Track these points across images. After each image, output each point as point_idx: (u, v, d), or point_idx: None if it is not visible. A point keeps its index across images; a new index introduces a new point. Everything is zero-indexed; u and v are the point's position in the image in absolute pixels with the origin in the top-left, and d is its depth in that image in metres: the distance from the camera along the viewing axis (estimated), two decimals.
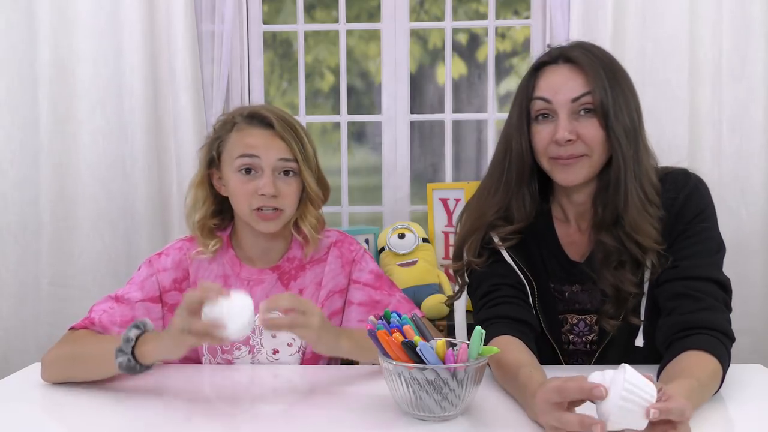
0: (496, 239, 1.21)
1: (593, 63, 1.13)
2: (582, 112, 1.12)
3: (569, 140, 1.11)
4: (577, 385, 0.80)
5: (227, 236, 1.35)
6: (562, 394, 0.82)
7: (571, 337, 1.21)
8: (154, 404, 1.08)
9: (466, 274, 1.25)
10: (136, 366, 1.06)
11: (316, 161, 1.31)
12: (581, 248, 1.22)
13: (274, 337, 1.30)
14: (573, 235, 1.23)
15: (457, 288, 1.29)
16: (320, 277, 1.34)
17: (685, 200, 1.14)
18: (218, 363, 1.30)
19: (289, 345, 1.30)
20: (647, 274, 1.14)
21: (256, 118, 1.29)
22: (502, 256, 1.21)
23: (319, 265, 1.34)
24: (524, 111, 1.16)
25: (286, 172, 1.27)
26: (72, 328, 1.26)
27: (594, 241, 1.18)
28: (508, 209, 1.19)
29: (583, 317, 1.20)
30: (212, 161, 1.32)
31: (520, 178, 1.18)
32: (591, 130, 1.12)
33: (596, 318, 1.19)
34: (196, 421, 1.00)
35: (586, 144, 1.12)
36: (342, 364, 1.36)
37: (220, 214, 1.35)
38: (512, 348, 1.07)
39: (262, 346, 1.30)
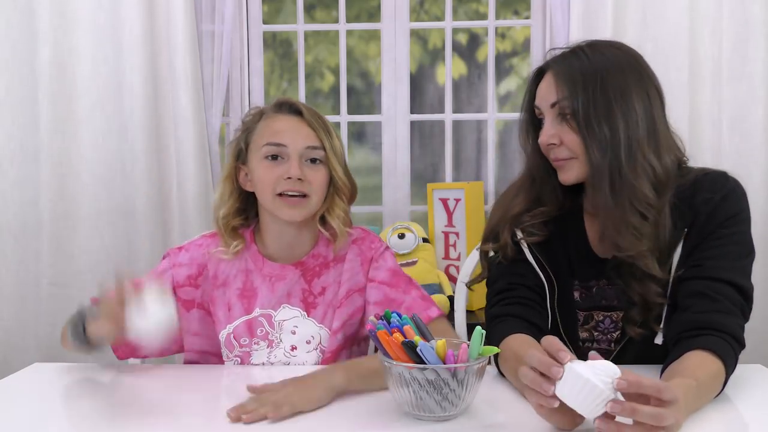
0: (520, 234, 1.21)
1: (570, 70, 1.13)
2: (565, 117, 1.13)
3: (552, 144, 1.14)
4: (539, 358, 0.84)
5: (251, 232, 1.34)
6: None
7: (596, 334, 1.21)
8: (153, 404, 1.08)
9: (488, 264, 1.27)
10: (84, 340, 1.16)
11: (343, 156, 1.32)
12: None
13: (293, 333, 1.29)
14: None
15: (477, 273, 1.30)
16: (340, 275, 1.31)
17: (720, 202, 1.12)
18: (236, 356, 1.29)
19: (308, 342, 1.29)
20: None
21: (284, 105, 1.31)
22: (525, 256, 1.21)
23: (340, 263, 1.32)
24: (529, 115, 1.21)
25: (313, 160, 1.27)
26: None
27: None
28: (540, 199, 1.22)
29: (609, 314, 1.20)
30: (240, 154, 1.32)
31: (543, 174, 1.21)
32: (568, 135, 1.13)
33: (622, 315, 1.18)
34: (193, 418, 1.00)
35: (568, 148, 1.14)
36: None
37: (244, 212, 1.34)
38: (532, 344, 1.07)
39: (281, 341, 1.29)
